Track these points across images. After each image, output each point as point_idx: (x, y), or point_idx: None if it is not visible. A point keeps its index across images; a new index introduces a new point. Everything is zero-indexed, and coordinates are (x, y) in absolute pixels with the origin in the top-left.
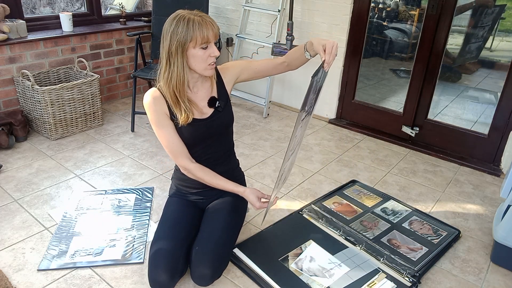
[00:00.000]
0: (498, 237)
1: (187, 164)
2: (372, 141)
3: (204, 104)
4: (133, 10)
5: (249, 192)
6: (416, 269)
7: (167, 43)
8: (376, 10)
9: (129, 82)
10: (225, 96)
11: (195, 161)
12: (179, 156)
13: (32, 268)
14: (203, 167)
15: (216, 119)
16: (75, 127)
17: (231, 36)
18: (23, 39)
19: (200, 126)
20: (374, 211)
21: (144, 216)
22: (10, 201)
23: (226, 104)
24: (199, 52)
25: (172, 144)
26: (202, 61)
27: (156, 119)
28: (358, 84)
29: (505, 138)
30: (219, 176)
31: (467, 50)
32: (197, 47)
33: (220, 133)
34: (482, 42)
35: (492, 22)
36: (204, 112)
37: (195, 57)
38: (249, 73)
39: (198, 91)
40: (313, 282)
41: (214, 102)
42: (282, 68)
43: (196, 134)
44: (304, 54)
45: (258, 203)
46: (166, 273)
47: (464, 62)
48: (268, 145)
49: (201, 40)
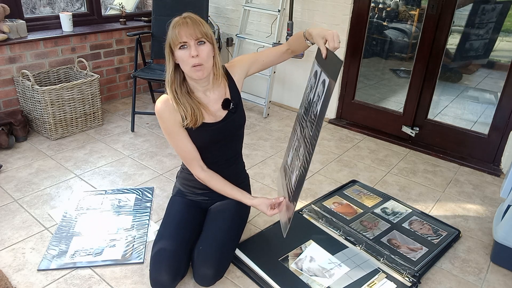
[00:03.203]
0: (498, 237)
1: (198, 173)
2: (372, 141)
3: (218, 107)
4: (133, 10)
5: (259, 202)
6: (416, 269)
7: (165, 48)
8: (376, 10)
9: (129, 82)
10: (238, 96)
11: (206, 168)
12: (190, 164)
13: (32, 268)
14: (213, 176)
15: (230, 120)
16: (75, 127)
17: (231, 36)
18: (23, 39)
19: (214, 130)
20: (374, 211)
21: (144, 216)
22: (10, 201)
23: (239, 104)
24: (179, 53)
25: (184, 152)
26: (185, 63)
27: (166, 127)
28: (358, 84)
29: (505, 138)
30: (230, 185)
31: (469, 48)
32: (176, 49)
33: (233, 134)
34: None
35: (497, 20)
36: (218, 115)
37: (178, 58)
38: (257, 66)
39: (211, 95)
40: (313, 282)
41: (228, 104)
42: (287, 55)
43: (210, 138)
44: (304, 42)
45: (269, 212)
46: (168, 274)
47: (466, 64)
48: (268, 145)
49: (175, 40)
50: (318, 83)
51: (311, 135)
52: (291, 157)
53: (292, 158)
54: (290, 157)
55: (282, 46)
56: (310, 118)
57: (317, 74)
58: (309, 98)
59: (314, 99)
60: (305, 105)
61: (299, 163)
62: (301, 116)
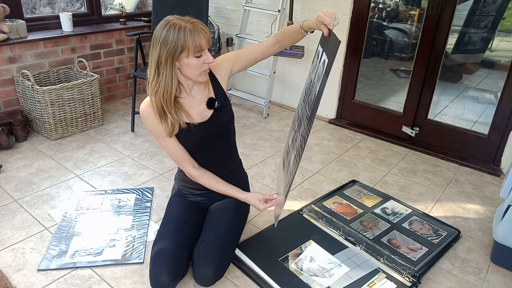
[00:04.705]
0: (498, 237)
1: (190, 170)
2: (372, 141)
3: (203, 107)
4: (133, 10)
5: (251, 196)
6: (416, 269)
7: (157, 52)
8: (376, 10)
9: (129, 82)
10: (223, 94)
11: (198, 166)
12: (181, 163)
13: (32, 268)
14: (205, 173)
15: (217, 119)
16: (75, 127)
17: (231, 36)
18: (23, 39)
19: (202, 130)
20: (374, 211)
21: (144, 216)
22: (10, 201)
23: (225, 102)
24: (193, 61)
25: (173, 153)
26: (197, 69)
27: (152, 130)
28: (358, 84)
29: (505, 138)
30: (222, 182)
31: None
32: (191, 57)
33: (222, 133)
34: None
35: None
36: (204, 115)
37: (189, 66)
38: (241, 63)
39: (196, 95)
40: (313, 282)
41: (213, 103)
42: (274, 50)
43: (199, 138)
44: (300, 33)
45: (261, 206)
46: (168, 274)
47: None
48: (268, 145)
49: (194, 49)
50: (319, 64)
51: (309, 115)
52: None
53: (289, 148)
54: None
55: (268, 40)
56: (309, 98)
57: (319, 55)
58: (310, 79)
59: (315, 80)
60: (305, 88)
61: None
62: (302, 98)
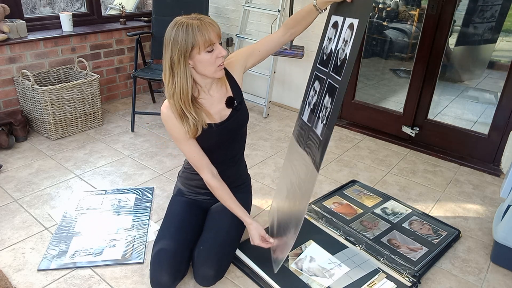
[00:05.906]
0: (498, 237)
1: (208, 178)
2: (372, 141)
3: (222, 106)
4: (133, 10)
5: (254, 227)
6: (416, 269)
7: (169, 54)
8: (376, 10)
9: (129, 82)
10: (240, 93)
11: (217, 174)
12: (200, 169)
13: (32, 268)
14: (222, 186)
15: (235, 119)
16: (75, 127)
17: (231, 36)
18: (23, 39)
19: (222, 129)
20: (374, 211)
21: (144, 216)
22: (10, 201)
23: (242, 102)
24: (206, 56)
25: (193, 158)
26: (211, 64)
27: (175, 133)
28: (358, 84)
29: (505, 138)
30: (234, 200)
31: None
32: (202, 52)
33: (237, 133)
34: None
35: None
36: (223, 114)
37: (202, 62)
38: (254, 58)
39: (215, 94)
40: (313, 282)
41: (232, 102)
42: (285, 39)
43: (217, 139)
44: (315, 13)
45: (256, 240)
46: (169, 274)
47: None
48: (268, 145)
49: (204, 44)
50: (342, 30)
51: (339, 89)
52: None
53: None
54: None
55: (279, 31)
56: (333, 68)
57: (337, 24)
58: (327, 51)
59: (339, 47)
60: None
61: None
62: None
